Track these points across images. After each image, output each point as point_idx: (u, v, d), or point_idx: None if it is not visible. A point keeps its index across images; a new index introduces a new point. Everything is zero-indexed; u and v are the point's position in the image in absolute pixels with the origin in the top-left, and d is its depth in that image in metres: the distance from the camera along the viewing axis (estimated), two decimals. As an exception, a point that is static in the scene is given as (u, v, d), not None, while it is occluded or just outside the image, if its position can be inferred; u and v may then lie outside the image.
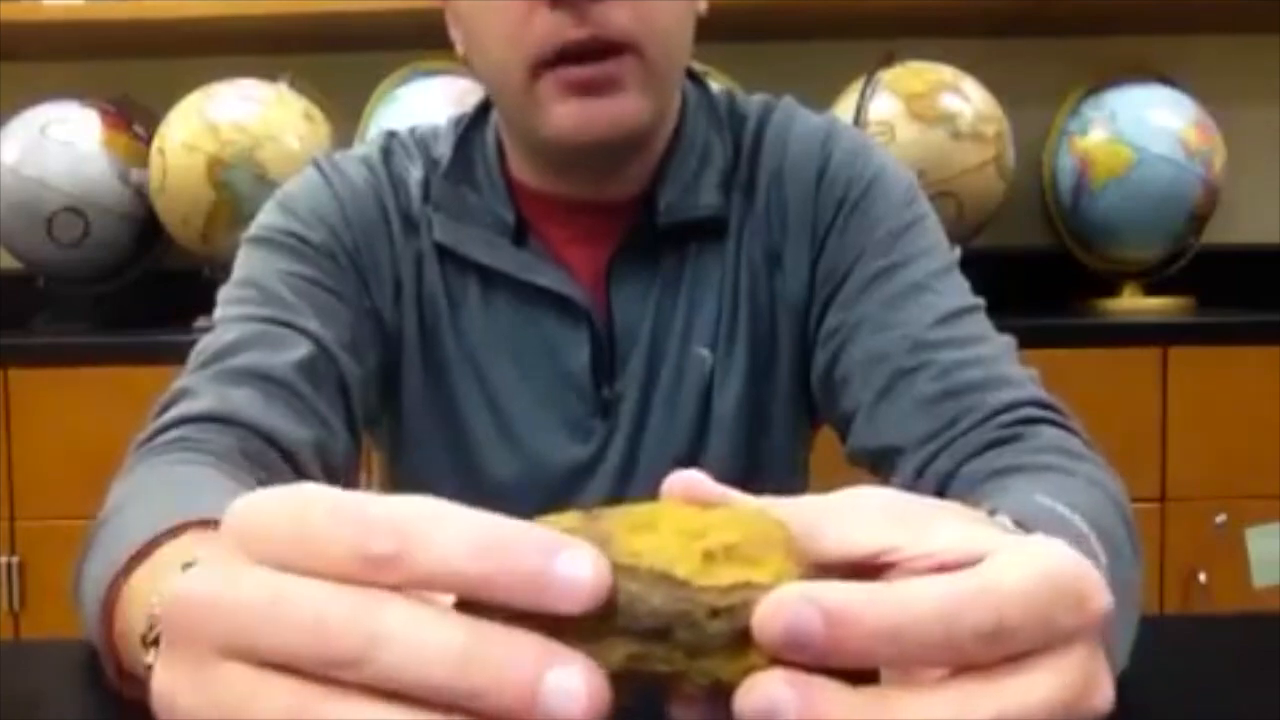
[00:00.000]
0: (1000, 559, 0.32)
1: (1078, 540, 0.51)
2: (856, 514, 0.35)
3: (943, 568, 0.33)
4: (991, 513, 0.44)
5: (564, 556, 0.28)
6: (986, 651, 0.30)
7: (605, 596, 0.29)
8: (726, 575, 0.30)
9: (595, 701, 0.28)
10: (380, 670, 0.28)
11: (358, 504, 0.30)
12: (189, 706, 0.31)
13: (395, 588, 0.29)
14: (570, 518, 0.31)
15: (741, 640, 0.29)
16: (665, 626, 0.29)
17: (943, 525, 0.35)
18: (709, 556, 0.30)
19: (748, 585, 0.30)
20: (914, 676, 0.31)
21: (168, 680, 0.32)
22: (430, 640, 0.28)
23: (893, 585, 0.30)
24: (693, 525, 0.31)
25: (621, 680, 0.30)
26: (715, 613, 0.29)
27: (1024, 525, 0.46)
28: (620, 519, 0.31)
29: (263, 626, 0.29)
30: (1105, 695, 0.32)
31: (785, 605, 0.28)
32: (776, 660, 0.29)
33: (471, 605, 0.29)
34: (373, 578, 0.29)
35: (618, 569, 0.30)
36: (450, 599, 0.30)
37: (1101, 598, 0.32)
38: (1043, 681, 0.30)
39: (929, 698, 0.29)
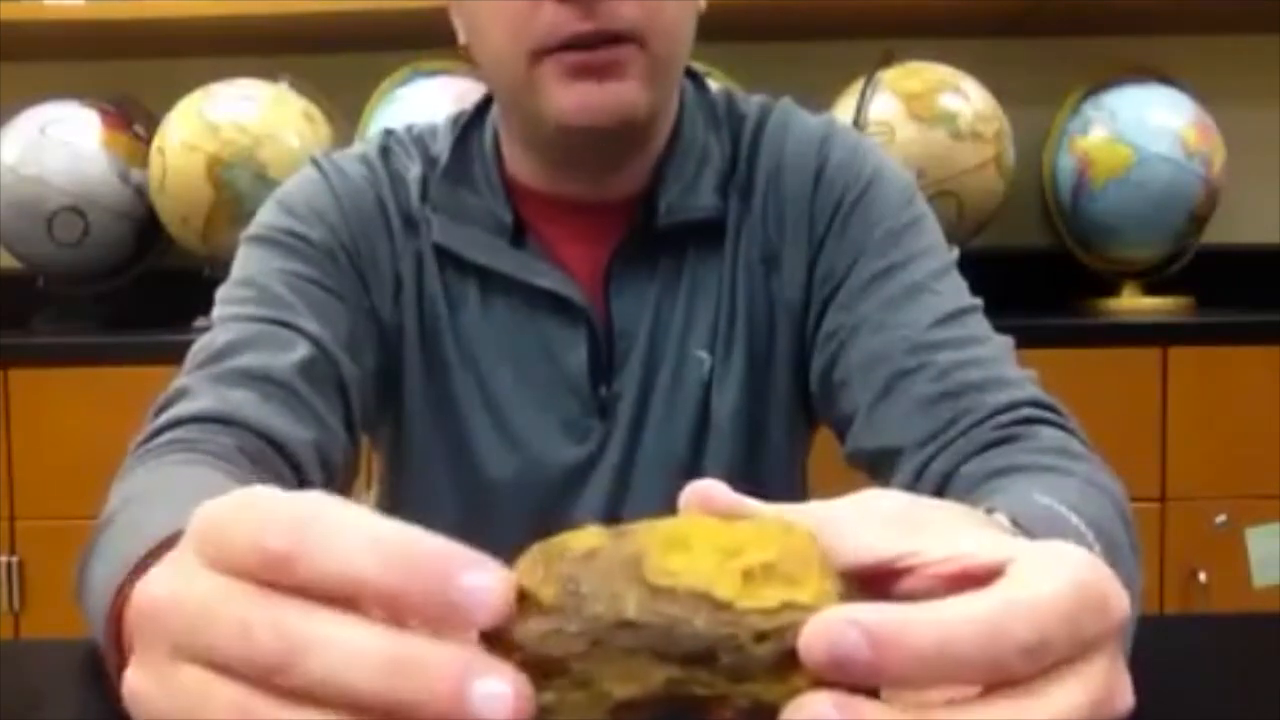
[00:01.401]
0: (1027, 569, 0.32)
1: (1077, 539, 0.51)
2: (872, 519, 0.35)
3: (964, 575, 0.33)
4: (989, 511, 0.44)
5: (470, 572, 0.28)
6: (1027, 665, 0.30)
7: (511, 611, 0.28)
8: (769, 596, 0.29)
9: (522, 705, 0.28)
10: (308, 677, 0.28)
11: (264, 500, 0.30)
12: (152, 705, 0.31)
13: (300, 590, 0.29)
14: (594, 535, 0.31)
15: (785, 662, 0.29)
16: (708, 650, 0.29)
17: (959, 531, 0.35)
18: (749, 576, 0.29)
19: (791, 606, 0.29)
20: (925, 695, 0.30)
21: (136, 679, 0.32)
22: (354, 649, 0.28)
23: (934, 605, 0.30)
24: (726, 541, 0.31)
25: (658, 703, 0.29)
26: (761, 636, 0.29)
27: (1021, 524, 0.46)
28: (650, 535, 0.30)
29: (199, 631, 0.30)
30: (1127, 699, 0.32)
31: (830, 628, 0.28)
32: (820, 682, 0.29)
33: (491, 640, 0.29)
34: (273, 576, 0.29)
35: (655, 589, 0.29)
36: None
37: (1122, 603, 0.33)
38: (1075, 690, 0.30)
39: (975, 716, 0.29)
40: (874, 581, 0.34)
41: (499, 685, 0.27)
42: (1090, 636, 0.31)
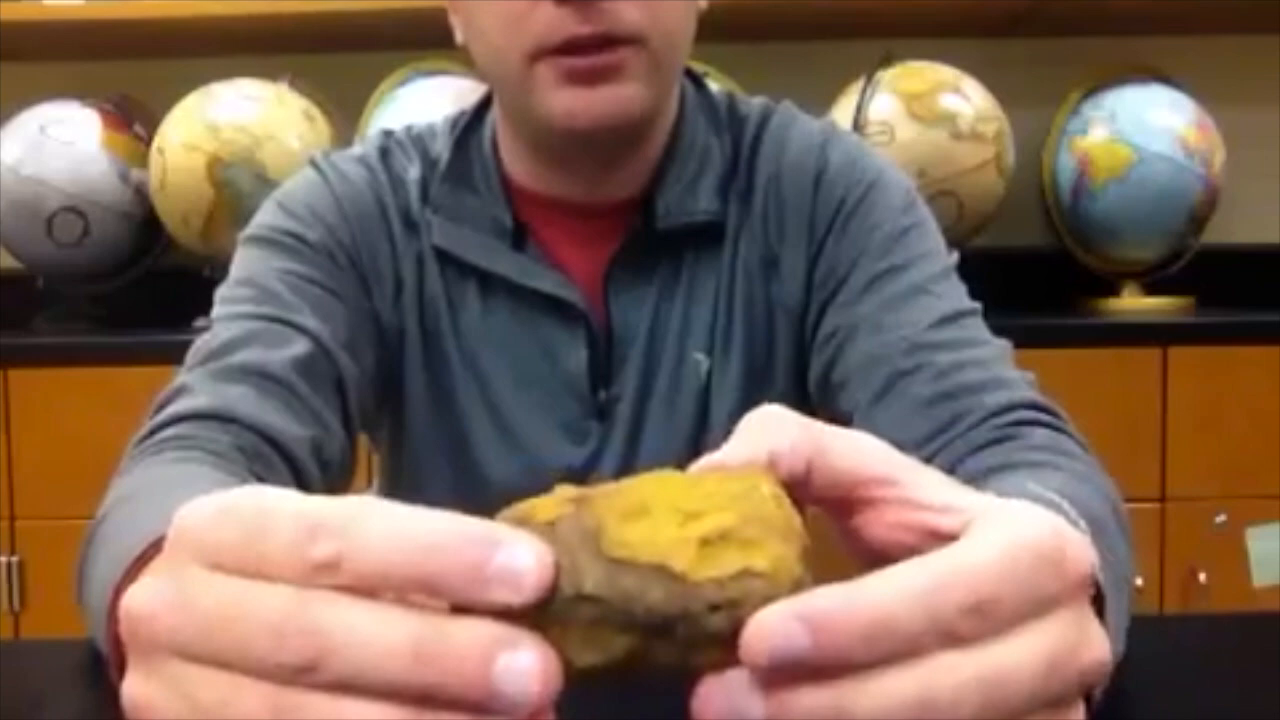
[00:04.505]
0: (978, 532, 0.33)
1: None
2: (861, 439, 0.37)
3: (930, 532, 0.35)
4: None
5: (504, 550, 0.28)
6: (973, 628, 0.30)
7: (549, 584, 0.29)
8: (724, 563, 0.29)
9: (549, 678, 0.28)
10: (337, 674, 0.28)
11: (296, 507, 0.30)
12: (162, 711, 0.31)
13: (338, 589, 0.29)
14: (556, 503, 0.31)
15: (739, 631, 0.29)
16: (665, 622, 0.29)
17: (927, 473, 0.37)
18: (705, 544, 0.30)
19: (746, 573, 0.29)
20: None
21: (139, 686, 0.32)
22: (380, 640, 0.28)
23: (870, 579, 0.30)
24: (686, 503, 0.31)
25: (621, 670, 0.30)
26: (714, 607, 0.29)
27: None
28: (610, 503, 0.31)
29: (220, 634, 0.30)
30: (1097, 654, 0.33)
31: (769, 626, 0.28)
32: None
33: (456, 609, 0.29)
34: (319, 581, 0.29)
35: (612, 562, 0.29)
36: None
37: (1083, 557, 0.33)
38: (1022, 645, 0.30)
39: (901, 674, 0.29)
40: (846, 510, 0.36)
41: (526, 659, 0.28)
42: (1048, 593, 0.31)
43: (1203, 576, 1.70)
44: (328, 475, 0.75)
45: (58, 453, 1.71)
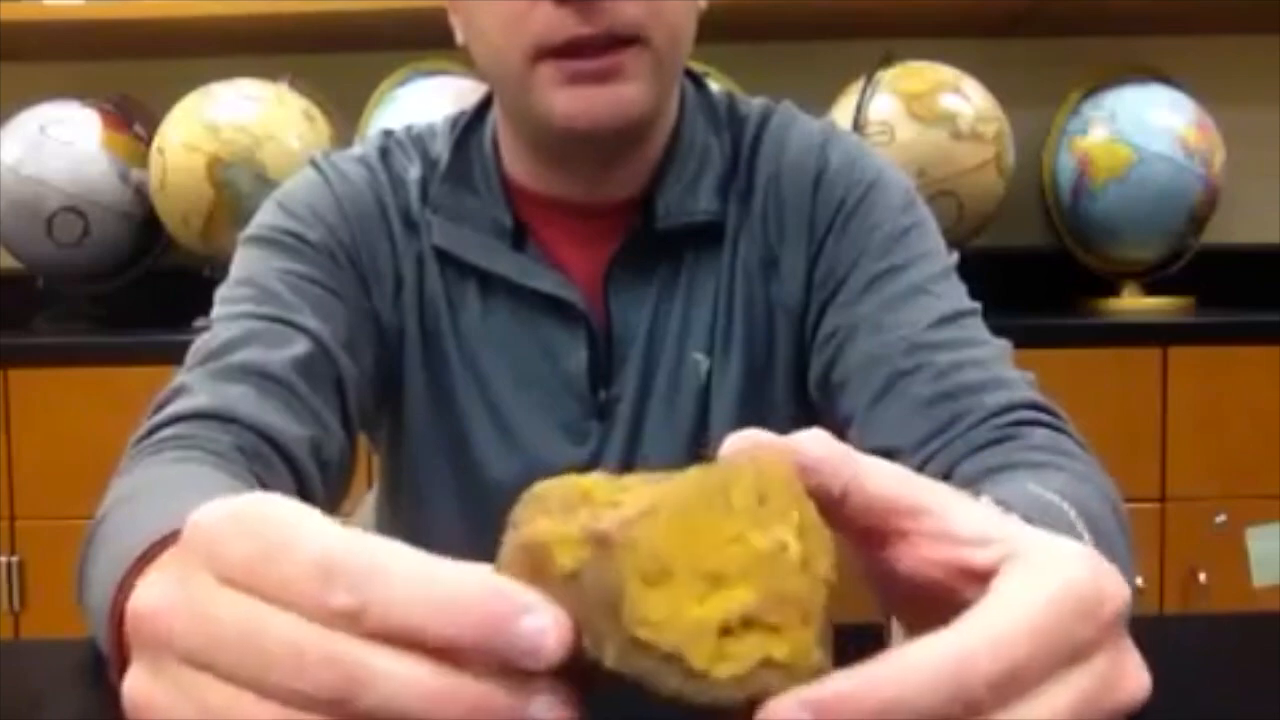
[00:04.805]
0: (1013, 582, 0.32)
1: (1065, 525, 0.51)
2: (894, 469, 0.36)
3: (962, 569, 0.33)
4: (976, 495, 0.44)
5: (527, 618, 0.28)
6: (1001, 697, 0.29)
7: (569, 652, 0.29)
8: (744, 655, 0.29)
9: (574, 713, 0.29)
10: (364, 707, 0.28)
11: (311, 536, 0.30)
12: (165, 713, 0.31)
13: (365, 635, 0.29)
14: (577, 550, 0.31)
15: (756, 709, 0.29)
16: (682, 701, 0.29)
17: (962, 502, 0.36)
18: (725, 632, 0.29)
19: (766, 663, 0.29)
20: None
21: (142, 686, 0.32)
22: (411, 682, 0.28)
23: (893, 659, 0.29)
24: (711, 559, 0.30)
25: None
26: (733, 700, 0.29)
27: (1012, 510, 0.46)
28: (634, 553, 0.30)
29: (236, 649, 0.29)
30: (1133, 687, 0.32)
31: (779, 711, 0.28)
32: None
33: None
34: (338, 626, 0.29)
35: (632, 642, 0.29)
36: None
37: (1119, 594, 0.32)
38: (1052, 698, 0.30)
39: None
40: (877, 541, 0.35)
41: (554, 701, 0.28)
42: (1083, 641, 0.31)
43: (1203, 576, 1.70)
44: (327, 475, 0.75)
45: (58, 453, 1.71)
